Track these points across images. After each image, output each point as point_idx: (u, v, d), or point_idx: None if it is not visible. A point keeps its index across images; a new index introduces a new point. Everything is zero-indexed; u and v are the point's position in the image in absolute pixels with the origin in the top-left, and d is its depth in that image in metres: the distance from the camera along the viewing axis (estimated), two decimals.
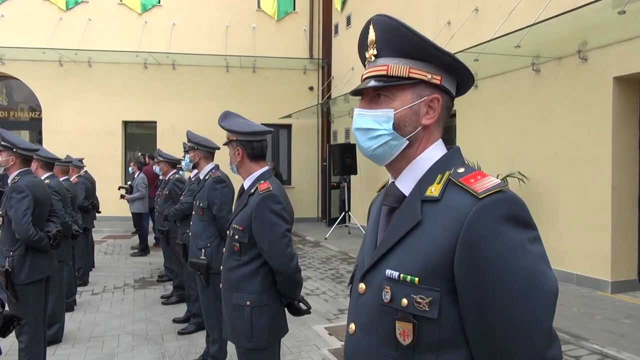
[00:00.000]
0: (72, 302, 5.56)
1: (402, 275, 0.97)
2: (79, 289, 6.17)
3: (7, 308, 2.09)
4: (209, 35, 12.24)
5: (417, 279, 0.94)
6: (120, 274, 7.37)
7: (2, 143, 3.27)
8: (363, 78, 1.10)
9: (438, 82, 1.05)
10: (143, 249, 8.84)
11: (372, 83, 1.05)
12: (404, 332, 0.95)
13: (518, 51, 6.04)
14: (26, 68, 12.02)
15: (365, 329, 1.04)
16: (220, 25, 12.33)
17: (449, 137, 8.86)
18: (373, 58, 1.07)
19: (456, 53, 6.52)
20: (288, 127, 13.22)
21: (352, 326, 1.07)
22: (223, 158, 2.93)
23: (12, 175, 3.30)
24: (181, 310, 5.33)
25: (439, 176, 1.02)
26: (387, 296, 0.98)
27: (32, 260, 3.30)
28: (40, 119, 12.38)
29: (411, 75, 1.04)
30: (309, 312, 2.61)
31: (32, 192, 3.25)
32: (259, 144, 2.55)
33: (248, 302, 2.39)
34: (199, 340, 4.49)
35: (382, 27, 1.05)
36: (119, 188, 9.62)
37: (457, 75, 1.09)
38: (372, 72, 1.06)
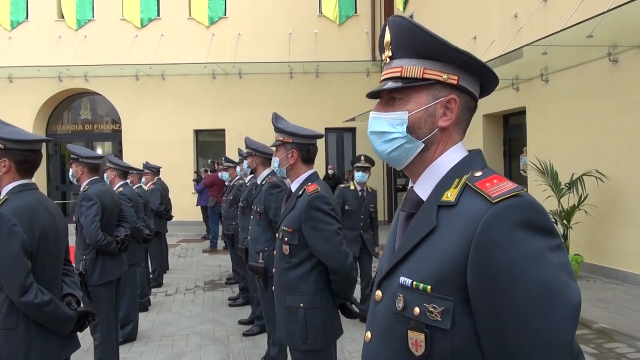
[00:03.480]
0: (147, 302, 5.88)
1: (414, 283, 0.94)
2: (153, 290, 6.53)
3: (81, 305, 2.26)
4: (272, 44, 12.54)
5: (429, 287, 0.91)
6: (192, 276, 7.70)
7: (72, 155, 3.56)
8: (380, 80, 1.08)
9: (455, 82, 1.01)
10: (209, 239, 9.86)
11: (387, 85, 1.04)
12: (416, 342, 0.92)
13: (591, 41, 5.65)
14: (107, 84, 12.94)
15: (379, 337, 1.01)
16: (284, 32, 12.59)
17: (519, 135, 8.47)
18: (388, 60, 1.05)
19: (523, 46, 6.23)
20: (352, 130, 13.22)
21: (368, 334, 1.06)
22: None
23: (83, 184, 3.57)
24: (247, 312, 5.47)
25: (456, 180, 0.98)
26: (400, 304, 0.95)
27: (102, 263, 3.54)
28: (120, 131, 13.27)
29: (425, 75, 1.01)
30: (362, 316, 2.59)
31: (100, 199, 3.49)
32: (314, 147, 2.60)
33: (302, 304, 2.42)
34: (262, 342, 4.59)
35: (396, 28, 1.03)
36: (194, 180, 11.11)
37: (478, 75, 1.05)
38: (388, 74, 1.05)
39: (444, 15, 9.87)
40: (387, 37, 1.06)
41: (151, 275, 6.67)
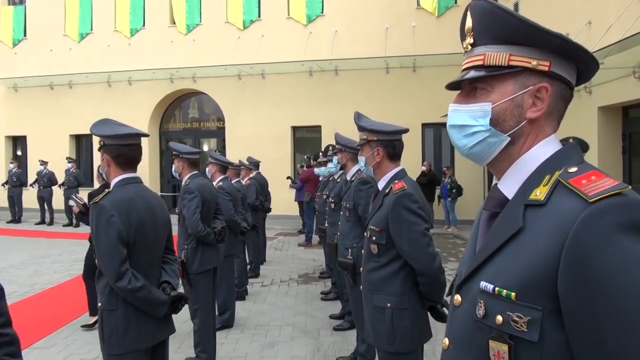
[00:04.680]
0: (244, 291, 6.16)
1: (497, 288, 0.85)
2: (250, 280, 6.82)
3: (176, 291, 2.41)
4: (369, 39, 12.47)
5: (513, 294, 0.82)
6: (287, 268, 7.92)
7: (173, 152, 3.81)
8: (461, 70, 1.01)
9: (546, 68, 0.91)
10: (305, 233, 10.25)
11: (468, 75, 0.96)
12: (498, 354, 0.84)
13: None
14: (212, 84, 13.73)
15: (458, 345, 0.94)
16: (380, 27, 12.46)
17: None
18: (469, 47, 0.97)
19: None
20: None
21: (446, 341, 0.99)
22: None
23: (185, 178, 3.82)
24: (338, 306, 5.51)
25: (547, 177, 0.88)
26: (480, 311, 0.88)
27: (202, 253, 3.77)
28: (224, 128, 14.02)
29: (512, 62, 0.92)
30: None
31: (200, 192, 3.72)
32: (399, 143, 2.53)
33: (389, 304, 2.37)
34: (352, 338, 4.59)
35: (478, 13, 0.95)
36: (287, 177, 11.55)
37: (574, 59, 0.93)
38: (469, 62, 0.97)
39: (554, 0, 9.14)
40: (469, 22, 0.98)
41: (248, 267, 6.97)
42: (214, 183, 4.88)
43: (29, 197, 13.54)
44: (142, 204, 2.29)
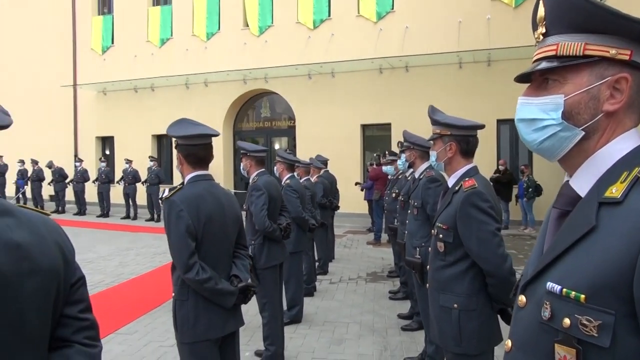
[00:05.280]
0: (312, 288, 6.24)
1: (565, 290, 0.81)
2: (319, 277, 6.89)
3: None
4: (440, 34, 12.15)
5: (583, 296, 0.77)
6: (355, 266, 7.92)
7: (241, 150, 3.94)
8: (532, 61, 0.96)
9: (627, 57, 0.84)
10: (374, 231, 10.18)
11: (539, 66, 0.91)
12: (564, 359, 0.79)
13: None
14: (283, 83, 14.01)
15: (521, 348, 0.90)
16: (453, 22, 12.11)
17: None
18: (541, 37, 0.92)
19: None
20: None
21: (509, 343, 0.94)
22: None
23: (252, 175, 3.94)
24: (406, 306, 5.44)
25: (625, 173, 0.81)
26: (546, 313, 0.83)
27: (268, 249, 3.87)
28: (294, 127, 14.27)
29: (587, 52, 0.86)
30: None
31: (267, 190, 3.82)
32: (474, 139, 2.45)
33: (455, 305, 2.31)
34: (420, 339, 4.51)
35: (551, 0, 0.90)
36: (356, 184, 11.32)
37: None
38: (541, 53, 0.92)
39: None
40: (541, 11, 0.93)
41: (317, 264, 7.05)
42: (282, 181, 4.98)
43: (116, 193, 14.54)
44: (212, 200, 2.40)
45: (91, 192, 14.87)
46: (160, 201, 11.13)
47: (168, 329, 4.78)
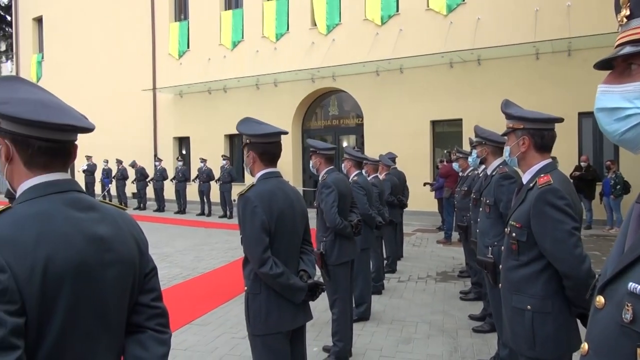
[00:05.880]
0: (380, 286, 6.20)
1: None
2: (387, 275, 6.83)
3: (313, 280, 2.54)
4: (515, 24, 11.60)
5: None
6: (425, 265, 7.77)
7: (311, 148, 3.98)
8: (615, 46, 0.89)
9: None
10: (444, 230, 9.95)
11: (622, 51, 0.84)
12: None
13: None
14: (351, 81, 14.01)
15: (599, 351, 0.84)
16: (529, 10, 11.52)
17: None
18: (625, 20, 0.86)
19: None
20: None
21: (585, 346, 0.89)
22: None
23: (322, 173, 3.98)
24: (478, 307, 5.27)
25: None
26: (627, 315, 0.77)
27: (339, 245, 3.90)
28: (362, 124, 14.22)
29: None
30: None
31: (337, 187, 3.84)
32: (549, 133, 2.33)
33: (529, 307, 2.21)
34: (493, 341, 4.36)
35: None
36: (425, 184, 10.93)
37: None
38: (624, 37, 0.86)
39: None
40: None
41: (385, 262, 6.99)
42: (350, 178, 4.98)
43: (192, 191, 15.24)
44: (282, 196, 2.46)
45: (169, 189, 15.68)
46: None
47: (240, 321, 4.94)
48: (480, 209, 3.74)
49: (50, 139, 1.21)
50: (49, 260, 1.11)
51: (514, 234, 2.28)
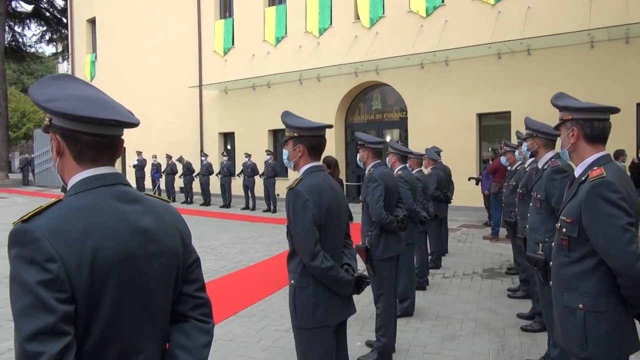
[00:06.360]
0: (425, 282, 6.11)
1: None
2: (432, 271, 6.72)
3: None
4: (568, 12, 11.10)
5: None
6: (471, 261, 7.61)
7: (359, 142, 3.96)
8: None
9: None
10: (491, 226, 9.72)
11: None
12: None
13: None
14: (395, 75, 13.83)
15: None
16: None
17: None
18: None
19: None
20: None
21: None
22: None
23: (368, 167, 3.97)
24: (527, 305, 5.11)
25: None
26: None
27: (385, 240, 3.87)
28: (406, 118, 14.03)
29: None
30: None
31: (383, 181, 3.81)
32: (600, 123, 2.20)
33: (581, 305, 2.12)
34: (542, 341, 4.22)
35: None
36: (469, 179, 10.71)
37: None
38: None
39: None
40: None
41: (430, 257, 6.88)
42: (394, 172, 4.93)
43: (236, 186, 15.52)
44: (329, 190, 2.47)
45: (215, 184, 16.03)
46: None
47: (283, 314, 5.00)
48: (531, 204, 3.61)
49: (97, 133, 1.25)
50: (96, 251, 1.15)
51: (564, 230, 2.19)
